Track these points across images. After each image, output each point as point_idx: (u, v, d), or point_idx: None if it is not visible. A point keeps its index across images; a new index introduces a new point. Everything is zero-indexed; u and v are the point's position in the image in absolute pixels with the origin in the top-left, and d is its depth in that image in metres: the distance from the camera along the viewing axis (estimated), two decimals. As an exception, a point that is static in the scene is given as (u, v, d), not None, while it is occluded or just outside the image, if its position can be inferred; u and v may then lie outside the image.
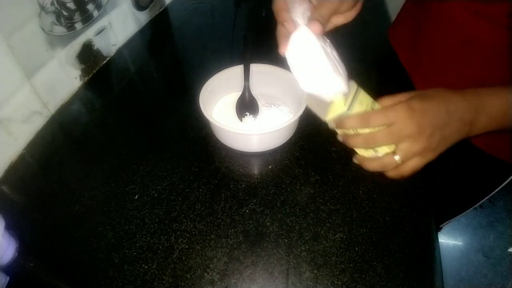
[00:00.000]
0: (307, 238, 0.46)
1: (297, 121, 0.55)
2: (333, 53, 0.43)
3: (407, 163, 0.43)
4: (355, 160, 0.47)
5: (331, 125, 0.46)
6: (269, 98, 0.62)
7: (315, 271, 0.43)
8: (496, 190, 0.68)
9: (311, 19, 0.41)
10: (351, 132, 0.44)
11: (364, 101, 0.44)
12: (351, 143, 0.45)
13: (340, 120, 0.43)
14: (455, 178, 0.71)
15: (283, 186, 0.52)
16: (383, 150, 0.43)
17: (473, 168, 0.67)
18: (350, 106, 0.42)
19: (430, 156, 0.42)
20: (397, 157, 0.42)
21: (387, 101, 0.44)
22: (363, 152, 0.46)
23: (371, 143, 0.43)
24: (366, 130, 0.42)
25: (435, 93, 0.42)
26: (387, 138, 0.41)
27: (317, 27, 0.40)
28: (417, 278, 0.43)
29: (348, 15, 0.48)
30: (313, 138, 0.58)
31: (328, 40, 0.45)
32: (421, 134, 0.40)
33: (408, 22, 0.66)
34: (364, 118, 0.42)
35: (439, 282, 0.44)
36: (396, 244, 0.46)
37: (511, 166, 0.61)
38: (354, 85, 0.44)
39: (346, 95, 0.43)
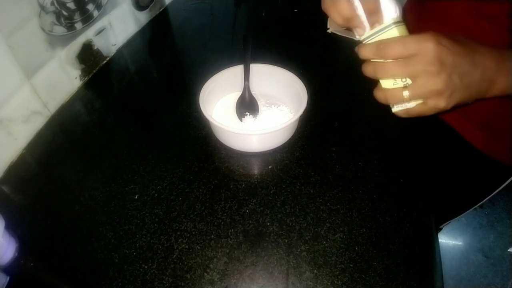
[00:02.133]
0: (307, 238, 0.46)
1: (297, 121, 0.55)
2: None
3: (416, 105, 0.39)
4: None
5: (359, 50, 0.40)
6: (269, 98, 0.62)
7: (315, 271, 0.43)
8: (495, 192, 0.68)
9: None
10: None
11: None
12: (363, 69, 0.40)
13: (359, 48, 0.39)
14: (454, 179, 0.71)
15: (283, 186, 0.52)
16: (397, 84, 0.38)
17: (473, 169, 0.67)
18: (396, 22, 0.37)
19: (442, 103, 0.37)
20: (406, 93, 0.37)
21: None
22: (384, 83, 0.40)
23: (380, 73, 0.38)
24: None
25: (464, 39, 0.38)
26: (400, 69, 0.37)
27: None
28: (417, 278, 0.43)
29: None
30: (313, 138, 0.58)
31: None
32: (440, 72, 0.35)
33: (409, 23, 0.66)
34: (380, 48, 0.37)
35: (439, 282, 0.43)
36: (396, 244, 0.46)
37: (510, 168, 0.61)
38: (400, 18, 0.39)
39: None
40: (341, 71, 0.71)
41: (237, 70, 0.60)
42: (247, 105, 0.59)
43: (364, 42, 0.40)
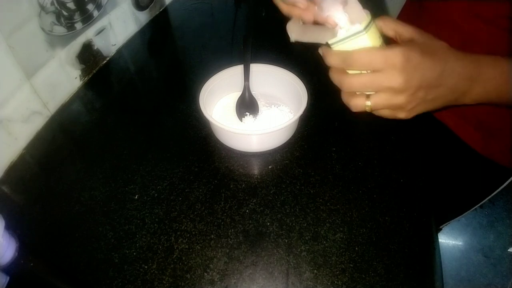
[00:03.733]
0: (307, 238, 0.46)
1: (297, 121, 0.55)
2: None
3: (377, 111, 0.39)
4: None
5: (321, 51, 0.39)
6: (269, 98, 0.62)
7: (315, 271, 0.43)
8: (494, 193, 0.68)
9: None
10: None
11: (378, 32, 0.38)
12: (329, 75, 0.39)
13: (324, 53, 0.38)
14: (454, 179, 0.71)
15: (283, 186, 0.52)
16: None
17: (472, 170, 0.67)
18: (366, 27, 0.36)
19: (403, 115, 0.39)
20: (368, 103, 0.37)
21: (390, 29, 0.39)
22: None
23: (345, 87, 0.38)
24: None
25: (439, 48, 0.37)
26: (364, 86, 0.36)
27: None
28: (417, 278, 0.43)
29: None
30: (313, 138, 0.58)
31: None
32: (405, 91, 0.35)
33: (408, 24, 0.66)
34: (346, 61, 0.36)
35: (439, 282, 0.44)
36: (396, 244, 0.46)
37: (509, 169, 0.61)
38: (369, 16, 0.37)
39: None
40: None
41: (237, 70, 0.60)
42: (247, 105, 0.59)
43: (332, 46, 0.38)
